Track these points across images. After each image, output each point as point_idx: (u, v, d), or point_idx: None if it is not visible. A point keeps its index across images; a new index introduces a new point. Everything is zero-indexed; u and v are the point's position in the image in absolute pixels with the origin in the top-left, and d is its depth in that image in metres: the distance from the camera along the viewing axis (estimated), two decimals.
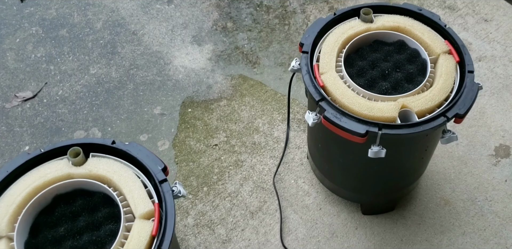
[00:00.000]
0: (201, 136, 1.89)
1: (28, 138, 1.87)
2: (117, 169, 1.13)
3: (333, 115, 1.25)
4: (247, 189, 1.74)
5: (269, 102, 1.98)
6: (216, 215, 1.68)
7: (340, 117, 1.24)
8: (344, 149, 1.40)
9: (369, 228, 1.63)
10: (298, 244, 1.60)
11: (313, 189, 1.73)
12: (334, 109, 1.26)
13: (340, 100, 1.28)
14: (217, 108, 1.97)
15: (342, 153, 1.43)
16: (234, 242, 1.61)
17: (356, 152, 1.37)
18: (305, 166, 1.79)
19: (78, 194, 1.14)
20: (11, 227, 1.05)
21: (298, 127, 1.89)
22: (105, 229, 1.08)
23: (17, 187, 1.09)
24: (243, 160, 1.81)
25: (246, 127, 1.91)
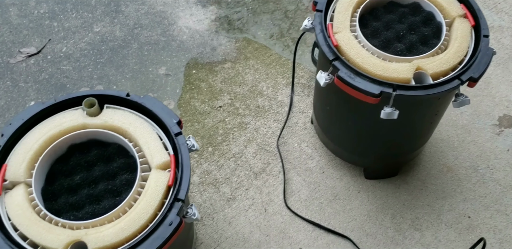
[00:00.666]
0: (206, 97, 1.90)
1: (33, 93, 1.87)
2: (133, 121, 1.14)
3: (347, 75, 1.26)
4: (251, 151, 1.76)
5: (273, 66, 1.98)
6: (221, 174, 1.71)
7: (354, 77, 1.26)
8: (354, 110, 1.42)
9: (371, 192, 1.67)
10: (301, 204, 1.64)
11: (316, 152, 1.76)
12: (348, 69, 1.27)
13: (354, 60, 1.29)
14: (221, 70, 1.97)
15: (351, 114, 1.45)
16: (238, 201, 1.65)
17: (366, 114, 1.39)
18: (309, 130, 1.81)
19: (93, 145, 1.15)
20: (28, 173, 1.07)
21: (302, 91, 1.91)
22: (120, 179, 1.10)
23: (33, 135, 1.10)
24: (247, 123, 1.83)
25: (250, 90, 1.92)
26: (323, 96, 1.54)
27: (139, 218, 1.00)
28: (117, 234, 0.98)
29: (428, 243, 1.56)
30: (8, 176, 1.05)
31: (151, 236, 0.98)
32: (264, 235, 1.58)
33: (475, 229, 1.58)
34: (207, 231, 1.59)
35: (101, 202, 1.07)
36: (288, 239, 1.57)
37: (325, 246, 1.56)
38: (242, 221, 1.61)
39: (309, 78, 1.95)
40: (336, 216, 1.62)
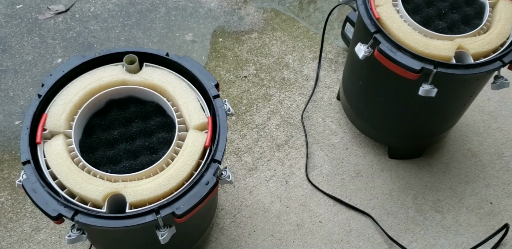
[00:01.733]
0: (231, 66, 1.92)
1: (61, 51, 1.89)
2: (172, 80, 1.17)
3: (388, 49, 1.29)
4: (274, 123, 1.79)
5: (300, 39, 2.00)
6: (244, 144, 1.74)
7: (395, 51, 1.28)
8: (389, 86, 1.44)
9: (394, 172, 1.71)
10: (322, 179, 1.68)
11: (340, 129, 1.79)
12: (390, 43, 1.29)
13: (395, 35, 1.31)
14: (247, 40, 1.99)
15: (385, 90, 1.48)
16: (260, 171, 1.68)
17: (402, 90, 1.42)
18: (334, 106, 1.84)
19: (131, 101, 1.18)
20: (68, 124, 1.10)
21: (329, 67, 1.93)
22: (157, 137, 1.13)
23: (74, 87, 1.13)
24: (272, 94, 1.86)
25: (276, 61, 1.94)
26: (356, 70, 1.56)
27: (176, 175, 1.04)
28: (155, 189, 1.02)
29: (449, 225, 1.60)
30: (48, 125, 1.08)
31: (187, 193, 1.02)
32: (284, 206, 1.62)
33: (496, 215, 1.62)
34: (227, 198, 1.63)
35: (138, 158, 1.11)
36: (308, 212, 1.61)
37: (345, 221, 1.60)
38: (263, 191, 1.65)
39: (337, 54, 1.96)
40: (358, 193, 1.65)
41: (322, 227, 1.59)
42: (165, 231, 1.02)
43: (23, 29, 1.94)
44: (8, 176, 1.62)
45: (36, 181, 1.00)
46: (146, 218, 0.98)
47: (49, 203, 0.98)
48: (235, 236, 1.57)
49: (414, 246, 1.56)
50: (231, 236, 1.57)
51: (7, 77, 1.83)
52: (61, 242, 1.52)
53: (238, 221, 1.60)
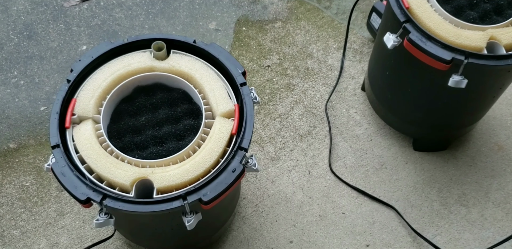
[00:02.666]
0: (254, 55, 1.93)
1: (86, 38, 1.92)
2: (199, 68, 1.18)
3: (418, 39, 1.29)
4: (297, 113, 1.80)
5: (325, 29, 2.00)
6: (266, 133, 1.75)
7: (426, 41, 1.28)
8: (418, 76, 1.44)
9: (419, 164, 1.71)
10: (346, 170, 1.69)
11: (365, 120, 1.79)
12: (420, 33, 1.29)
13: (426, 24, 1.31)
14: (271, 29, 1.99)
15: (414, 81, 1.47)
16: (282, 161, 1.70)
17: (431, 81, 1.42)
18: (358, 97, 1.84)
19: (158, 88, 1.20)
20: (96, 110, 1.12)
21: (354, 57, 1.92)
22: (184, 124, 1.15)
23: (102, 73, 1.15)
24: (295, 84, 1.86)
25: (300, 51, 1.94)
26: (383, 60, 1.56)
27: (203, 162, 1.06)
28: (182, 175, 1.04)
29: (474, 219, 1.60)
30: (76, 110, 1.10)
31: (214, 180, 1.03)
32: (307, 196, 1.63)
33: None
34: (250, 187, 1.65)
35: (165, 144, 1.13)
36: (331, 203, 1.62)
37: (369, 213, 1.61)
38: (285, 181, 1.66)
39: (361, 44, 1.96)
40: (382, 185, 1.66)
41: (345, 218, 1.60)
42: (192, 217, 1.04)
43: (48, 16, 1.97)
44: (34, 161, 1.66)
45: (65, 164, 1.02)
46: (173, 203, 1.00)
47: (78, 187, 1.01)
48: (257, 225, 1.59)
49: (439, 239, 1.57)
50: (253, 225, 1.59)
51: (32, 63, 1.86)
52: (85, 227, 1.56)
53: (260, 211, 1.61)
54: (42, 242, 1.54)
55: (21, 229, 1.56)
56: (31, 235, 1.55)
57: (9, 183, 1.63)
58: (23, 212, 1.58)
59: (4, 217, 1.57)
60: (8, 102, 1.78)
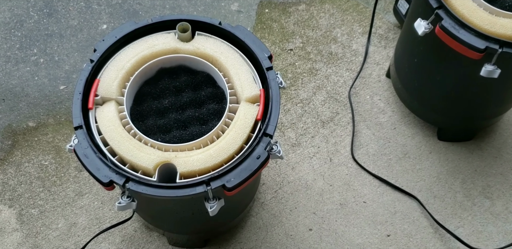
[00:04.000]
0: (277, 38, 1.91)
1: (106, 17, 1.92)
2: (224, 50, 1.18)
3: (451, 26, 1.26)
4: (319, 98, 1.79)
5: (350, 13, 1.97)
6: (287, 119, 1.75)
7: (459, 29, 1.26)
8: (448, 65, 1.42)
9: (443, 154, 1.69)
10: (368, 159, 1.68)
11: (389, 107, 1.78)
12: (453, 20, 1.27)
13: (459, 11, 1.28)
14: (295, 12, 1.97)
15: (443, 69, 1.46)
16: (303, 147, 1.69)
17: (461, 70, 1.40)
18: (383, 84, 1.82)
19: (182, 71, 1.20)
20: (119, 91, 1.12)
21: (379, 42, 1.90)
22: (207, 108, 1.15)
23: (126, 54, 1.15)
24: (318, 69, 1.85)
25: (324, 35, 1.92)
26: (412, 47, 1.54)
27: (228, 147, 1.06)
28: (206, 161, 1.04)
29: (498, 212, 1.59)
30: (100, 91, 1.11)
31: (238, 166, 1.04)
32: (327, 184, 1.63)
33: None
34: (269, 173, 1.65)
35: (188, 128, 1.13)
36: (352, 192, 1.62)
37: (391, 203, 1.61)
38: (306, 167, 1.66)
39: (387, 29, 1.94)
40: (404, 174, 1.65)
41: (366, 207, 1.60)
42: (214, 204, 1.04)
43: None
44: (53, 140, 1.68)
45: (88, 146, 1.03)
46: (197, 189, 1.01)
47: (101, 169, 1.01)
48: (276, 211, 1.59)
49: (461, 231, 1.56)
50: (272, 212, 1.59)
51: (52, 41, 1.86)
52: (104, 207, 1.58)
53: (279, 197, 1.62)
54: (61, 222, 1.56)
55: (40, 208, 1.58)
56: (49, 215, 1.57)
57: (28, 162, 1.65)
58: (41, 191, 1.60)
59: (23, 196, 1.59)
60: (28, 80, 1.79)
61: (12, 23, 1.89)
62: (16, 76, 1.79)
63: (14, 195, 1.60)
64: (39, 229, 1.55)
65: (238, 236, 1.55)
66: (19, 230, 1.55)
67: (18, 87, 1.77)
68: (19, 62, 1.82)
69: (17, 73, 1.79)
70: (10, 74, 1.79)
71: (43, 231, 1.55)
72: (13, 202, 1.58)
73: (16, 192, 1.60)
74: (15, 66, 1.81)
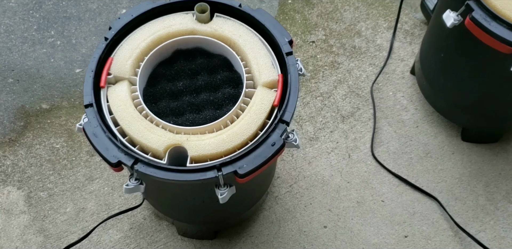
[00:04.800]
0: (299, 30, 1.89)
1: (126, 1, 1.91)
2: (243, 33, 1.15)
3: (482, 18, 1.22)
4: (340, 92, 1.76)
5: (375, 7, 1.94)
6: (306, 112, 1.72)
7: (490, 21, 1.22)
8: (477, 60, 1.38)
9: (466, 155, 1.65)
10: (388, 157, 1.64)
11: (412, 105, 1.74)
12: (484, 11, 1.23)
13: (491, 2, 1.24)
14: (319, 3, 1.95)
15: (472, 64, 1.41)
16: (321, 142, 1.66)
17: (491, 65, 1.36)
18: (406, 80, 1.79)
19: (199, 53, 1.18)
20: (133, 71, 1.10)
21: (405, 38, 1.87)
22: (223, 92, 1.13)
23: (142, 32, 1.13)
24: (340, 62, 1.82)
25: (348, 28, 1.89)
26: (439, 41, 1.50)
27: (241, 133, 1.03)
28: (218, 145, 1.01)
29: None
30: (113, 70, 1.09)
31: (252, 153, 1.01)
32: (345, 181, 1.60)
33: None
34: (285, 166, 1.62)
35: (202, 112, 1.10)
36: (370, 190, 1.59)
37: (410, 203, 1.57)
38: (323, 163, 1.63)
39: (413, 25, 1.90)
40: (425, 174, 1.61)
41: (384, 206, 1.56)
42: (225, 190, 1.02)
43: None
44: (66, 123, 1.67)
45: (97, 125, 1.01)
46: (207, 174, 0.98)
47: (109, 149, 0.99)
48: (290, 206, 1.56)
49: (482, 236, 1.52)
50: (286, 206, 1.56)
51: (70, 24, 1.86)
52: (114, 193, 1.56)
53: (294, 192, 1.59)
54: (69, 206, 1.55)
55: (49, 191, 1.57)
56: (58, 198, 1.56)
57: (39, 144, 1.64)
58: (51, 174, 1.60)
59: (32, 178, 1.59)
60: (44, 62, 1.79)
61: (31, 4, 1.89)
62: (32, 58, 1.79)
63: (24, 177, 1.59)
64: (47, 212, 1.54)
65: (249, 229, 1.52)
66: (27, 213, 1.54)
67: (34, 69, 1.77)
68: (36, 43, 1.82)
69: (33, 54, 1.79)
70: (26, 55, 1.79)
71: (50, 215, 1.54)
72: (22, 184, 1.58)
73: (26, 174, 1.59)
74: (31, 47, 1.81)
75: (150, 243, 1.50)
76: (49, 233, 1.51)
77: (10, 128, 1.67)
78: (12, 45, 1.81)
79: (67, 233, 1.51)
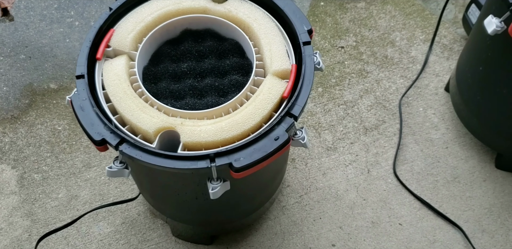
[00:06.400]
0: (329, 33, 1.83)
1: None
2: (259, 17, 1.09)
3: None
4: (366, 103, 1.69)
5: (413, 17, 1.88)
6: (326, 119, 1.65)
7: None
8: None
9: (499, 184, 1.55)
10: (412, 177, 1.55)
11: (443, 124, 1.65)
12: None
13: None
14: (353, 8, 1.89)
15: None
16: (339, 153, 1.58)
17: None
18: (440, 97, 1.71)
19: (209, 35, 1.12)
20: (134, 45, 1.05)
21: (442, 53, 1.79)
22: (230, 79, 1.06)
23: (150, 6, 1.08)
24: (369, 71, 1.75)
25: (381, 37, 1.83)
26: (479, 52, 1.42)
27: (243, 122, 0.96)
28: (215, 133, 0.95)
29: None
30: (112, 42, 1.04)
31: (251, 146, 0.93)
32: (361, 198, 1.52)
33: None
34: (297, 175, 1.55)
35: (204, 98, 1.04)
36: (388, 210, 1.50)
37: (430, 229, 1.47)
38: (339, 175, 1.55)
39: (453, 40, 1.83)
40: (451, 200, 1.52)
41: (401, 230, 1.47)
42: (218, 185, 0.94)
43: None
44: None
45: (86, 98, 0.95)
46: (199, 163, 0.91)
47: (95, 125, 0.93)
48: (298, 219, 1.48)
49: None
50: (293, 218, 1.48)
51: (91, 6, 1.86)
52: (110, 184, 1.52)
53: (304, 203, 1.51)
54: (62, 191, 1.51)
55: (43, 174, 1.53)
56: (52, 183, 1.52)
57: (41, 124, 1.62)
58: (48, 156, 1.56)
59: (29, 159, 1.56)
60: (59, 41, 1.78)
61: None
62: (48, 36, 1.79)
63: (20, 156, 1.57)
64: (38, 195, 1.51)
65: (250, 238, 1.45)
66: (17, 194, 1.51)
67: (47, 47, 1.77)
68: (54, 22, 1.81)
69: (50, 33, 1.79)
70: (42, 33, 1.79)
71: (41, 199, 1.50)
72: (17, 163, 1.55)
73: (23, 154, 1.57)
74: (49, 25, 1.81)
75: (141, 241, 1.44)
76: (37, 218, 1.47)
77: (15, 104, 1.65)
78: (30, 21, 1.82)
79: (56, 220, 1.47)
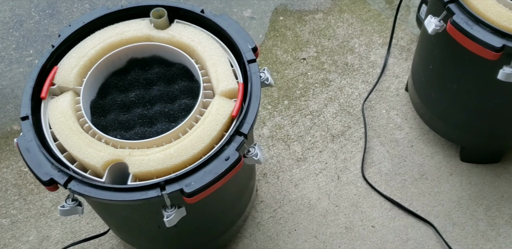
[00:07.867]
0: (290, 47, 1.79)
1: None
2: (203, 40, 1.05)
3: (464, 21, 1.12)
4: (331, 110, 1.64)
5: (370, 23, 1.84)
6: (294, 131, 1.60)
7: (472, 25, 1.11)
8: (464, 69, 1.26)
9: (466, 177, 1.51)
10: (380, 178, 1.51)
11: (406, 123, 1.61)
12: (466, 15, 1.13)
13: (474, 6, 1.15)
14: (311, 20, 1.85)
15: (459, 75, 1.29)
16: (309, 162, 1.54)
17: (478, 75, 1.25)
18: (401, 98, 1.66)
19: (156, 62, 1.07)
20: (79, 80, 1.00)
21: (400, 54, 1.76)
22: (179, 103, 1.02)
23: (92, 40, 1.04)
24: (332, 80, 1.71)
25: (340, 45, 1.79)
26: (427, 52, 1.38)
27: (192, 146, 0.91)
28: (164, 160, 0.90)
29: None
30: (57, 80, 0.99)
31: (202, 169, 0.89)
32: (333, 204, 1.47)
33: None
34: (269, 189, 1.50)
35: (154, 125, 0.99)
36: (360, 214, 1.45)
37: (402, 228, 1.42)
38: (310, 185, 1.50)
39: (410, 41, 1.79)
40: (420, 197, 1.47)
41: (374, 232, 1.42)
42: (172, 212, 0.89)
43: None
44: None
45: (32, 139, 0.90)
46: (148, 193, 0.86)
47: (42, 165, 0.88)
48: (273, 233, 1.43)
49: None
50: (268, 233, 1.43)
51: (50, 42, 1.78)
52: (81, 221, 1.45)
53: (278, 217, 1.45)
54: (32, 234, 1.44)
55: (12, 218, 1.46)
56: (21, 226, 1.45)
57: (6, 167, 1.55)
58: (16, 199, 1.49)
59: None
60: (19, 81, 1.71)
61: (12, 23, 1.83)
62: (8, 77, 1.72)
63: None
64: (8, 241, 1.43)
65: None
66: None
67: (8, 89, 1.70)
68: (13, 62, 1.75)
69: (9, 74, 1.73)
70: (2, 75, 1.73)
71: (11, 244, 1.43)
72: None
73: None
74: (8, 67, 1.74)
75: None
76: None
77: None
78: None
79: None
